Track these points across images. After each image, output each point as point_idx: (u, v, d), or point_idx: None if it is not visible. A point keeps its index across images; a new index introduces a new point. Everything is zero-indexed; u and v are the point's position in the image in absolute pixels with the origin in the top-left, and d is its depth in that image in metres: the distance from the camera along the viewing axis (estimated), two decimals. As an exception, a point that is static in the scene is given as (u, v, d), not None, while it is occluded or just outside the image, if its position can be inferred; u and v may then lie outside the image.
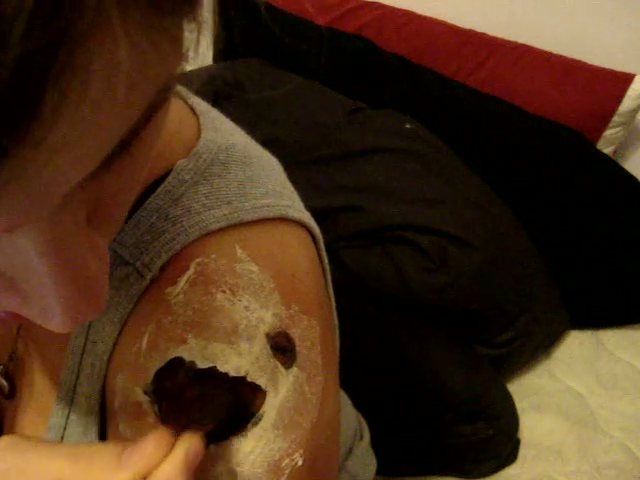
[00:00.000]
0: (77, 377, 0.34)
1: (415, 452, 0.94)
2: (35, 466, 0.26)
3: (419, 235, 0.97)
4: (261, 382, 0.30)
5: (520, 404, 0.99)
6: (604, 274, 1.10)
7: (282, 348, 0.31)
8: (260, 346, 0.31)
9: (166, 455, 0.26)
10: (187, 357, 0.30)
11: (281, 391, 0.31)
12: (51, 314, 0.20)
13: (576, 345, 1.13)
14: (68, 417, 0.35)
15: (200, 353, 0.30)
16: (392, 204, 1.01)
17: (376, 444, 0.64)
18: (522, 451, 0.94)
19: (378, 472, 0.65)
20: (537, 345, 1.06)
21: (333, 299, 0.41)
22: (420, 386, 0.91)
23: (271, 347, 0.31)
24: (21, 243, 0.17)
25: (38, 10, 0.12)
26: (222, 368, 0.30)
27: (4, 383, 0.39)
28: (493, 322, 1.01)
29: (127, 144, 0.18)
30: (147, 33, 0.15)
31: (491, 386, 0.96)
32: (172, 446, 0.27)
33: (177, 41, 0.17)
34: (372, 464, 0.63)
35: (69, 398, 0.34)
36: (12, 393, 0.40)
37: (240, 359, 0.30)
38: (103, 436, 0.34)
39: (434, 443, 0.93)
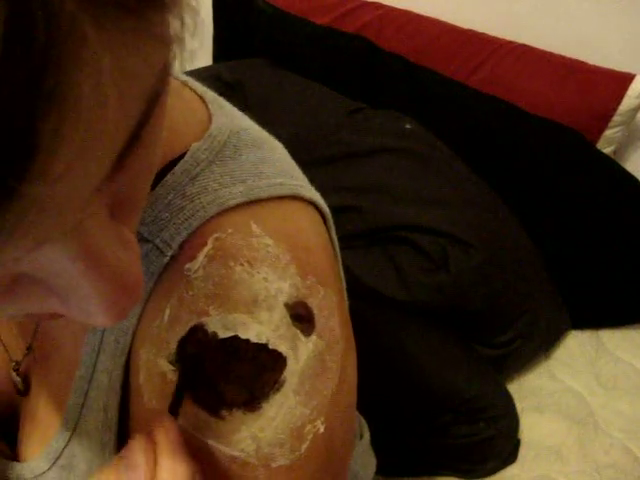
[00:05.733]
0: (98, 355, 0.34)
1: (415, 452, 0.94)
2: None
3: (419, 235, 0.97)
4: (282, 349, 0.31)
5: (520, 404, 0.99)
6: (604, 274, 1.10)
7: (301, 317, 0.32)
8: (280, 315, 0.31)
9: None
10: (209, 328, 0.31)
11: (301, 358, 0.32)
12: (92, 312, 0.20)
13: (576, 345, 1.12)
14: (87, 395, 0.35)
15: (221, 323, 0.31)
16: (392, 204, 1.01)
17: (376, 444, 0.64)
18: (522, 451, 0.94)
19: (378, 472, 0.65)
20: (537, 345, 1.06)
21: (343, 279, 0.41)
22: (420, 386, 0.91)
23: (290, 316, 0.32)
24: (52, 254, 0.17)
25: (11, 49, 0.12)
26: (243, 336, 0.31)
27: (18, 380, 0.40)
28: (493, 322, 1.01)
29: (134, 140, 0.18)
30: (125, 38, 0.15)
31: (491, 386, 0.96)
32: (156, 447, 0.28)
33: (159, 38, 0.17)
34: (372, 463, 0.63)
35: (89, 375, 0.35)
36: (27, 390, 0.40)
37: (261, 327, 0.31)
38: (123, 411, 0.35)
39: (434, 443, 0.93)
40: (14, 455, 0.41)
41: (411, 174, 1.06)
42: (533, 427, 0.98)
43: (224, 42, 1.53)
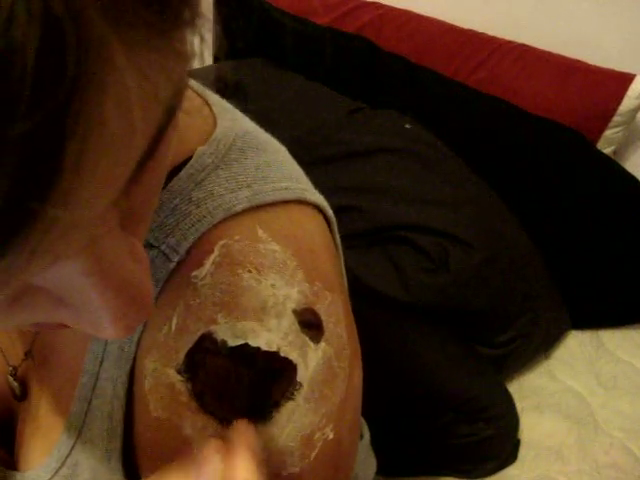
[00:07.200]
0: (101, 362, 0.34)
1: (415, 452, 0.94)
2: None
3: (419, 235, 0.97)
4: (292, 357, 0.31)
5: (520, 404, 0.99)
6: (604, 274, 1.10)
7: (310, 324, 0.32)
8: (289, 322, 0.31)
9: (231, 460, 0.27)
10: (218, 336, 0.30)
11: (311, 365, 0.31)
12: (102, 325, 0.20)
13: (576, 345, 1.12)
14: (90, 402, 0.35)
15: (230, 332, 0.30)
16: (392, 204, 1.01)
17: (376, 444, 0.64)
18: (522, 451, 0.94)
19: (378, 472, 0.64)
20: (537, 345, 1.06)
21: (346, 281, 0.41)
22: (420, 386, 0.91)
23: (299, 323, 0.32)
24: (65, 267, 0.17)
25: (43, 71, 0.12)
26: (253, 344, 0.30)
27: (15, 385, 0.39)
28: (493, 322, 1.01)
29: (150, 155, 0.18)
30: (150, 56, 0.15)
31: (491, 386, 0.96)
32: (231, 448, 0.27)
33: (181, 54, 0.17)
34: (372, 463, 0.62)
35: (92, 383, 0.34)
36: (24, 395, 0.40)
37: (270, 335, 0.31)
38: (127, 419, 0.34)
39: (434, 443, 0.93)
40: (13, 462, 0.40)
41: (411, 174, 1.06)
42: (533, 427, 0.97)
43: (224, 42, 1.53)
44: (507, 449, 0.94)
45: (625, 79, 1.10)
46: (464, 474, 0.93)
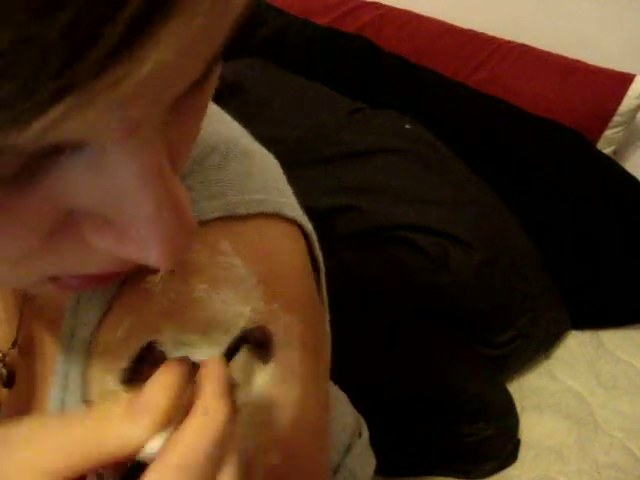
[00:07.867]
0: (69, 360, 0.33)
1: (415, 452, 0.94)
2: (39, 444, 0.22)
3: (419, 235, 0.97)
4: (234, 376, 0.29)
5: (520, 404, 0.99)
6: (604, 274, 1.10)
7: (259, 343, 0.30)
8: (235, 340, 0.30)
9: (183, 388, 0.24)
10: (160, 346, 0.29)
11: (255, 388, 0.30)
12: (148, 249, 0.19)
13: (576, 345, 1.12)
14: (63, 401, 0.34)
15: (172, 343, 0.29)
16: (392, 204, 1.01)
17: (376, 444, 0.64)
18: (522, 451, 0.94)
19: (377, 472, 0.64)
20: (537, 345, 1.06)
21: (326, 301, 0.39)
22: (420, 386, 0.91)
23: (249, 342, 0.30)
24: (125, 169, 0.17)
25: None
26: (193, 358, 0.28)
27: (3, 371, 0.39)
28: (493, 322, 1.01)
29: (209, 71, 0.18)
30: None
31: (491, 386, 0.96)
32: (187, 377, 0.24)
33: None
34: (371, 462, 0.62)
35: (63, 382, 0.34)
36: (11, 382, 0.40)
37: (212, 350, 0.29)
38: None
39: (434, 443, 0.93)
40: None
41: (411, 174, 1.06)
42: (533, 427, 0.97)
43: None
44: (507, 449, 0.94)
45: (625, 79, 1.10)
46: (464, 474, 0.93)
